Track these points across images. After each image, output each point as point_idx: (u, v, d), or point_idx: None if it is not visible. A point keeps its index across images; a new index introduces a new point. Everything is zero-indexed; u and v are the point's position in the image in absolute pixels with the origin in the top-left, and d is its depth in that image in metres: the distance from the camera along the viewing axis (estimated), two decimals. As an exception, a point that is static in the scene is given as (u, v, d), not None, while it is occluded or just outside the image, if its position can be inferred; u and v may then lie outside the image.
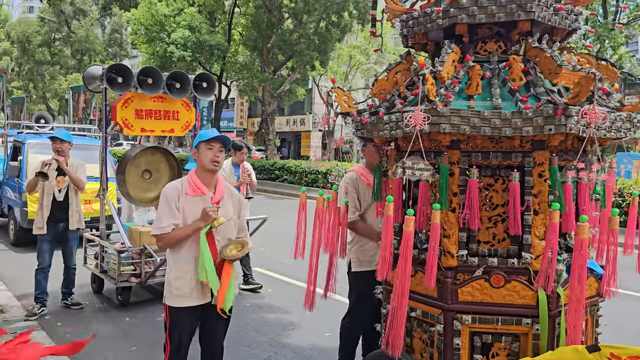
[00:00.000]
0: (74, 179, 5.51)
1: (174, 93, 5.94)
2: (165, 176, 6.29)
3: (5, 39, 43.71)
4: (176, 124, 6.18)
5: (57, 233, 5.57)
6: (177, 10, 22.49)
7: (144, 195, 6.21)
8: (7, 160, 8.98)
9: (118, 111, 5.77)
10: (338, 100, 2.96)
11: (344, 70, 32.47)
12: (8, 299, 5.88)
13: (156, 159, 6.21)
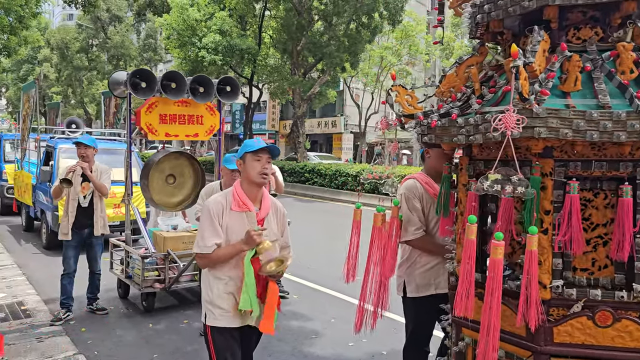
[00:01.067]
0: (97, 185, 5.51)
1: (198, 97, 5.88)
2: (189, 181, 6.29)
3: (46, 45, 45.03)
4: (200, 128, 6.12)
5: (81, 239, 5.58)
6: (208, 14, 22.72)
7: (168, 200, 6.19)
8: (40, 165, 9.14)
9: (142, 116, 5.73)
10: (399, 101, 2.62)
11: (375, 72, 32.21)
12: (36, 303, 5.94)
13: (180, 163, 6.20)
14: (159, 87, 5.63)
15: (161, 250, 5.77)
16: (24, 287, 6.55)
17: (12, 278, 6.92)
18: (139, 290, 5.70)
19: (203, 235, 2.82)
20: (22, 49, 22.03)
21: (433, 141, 2.38)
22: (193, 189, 6.35)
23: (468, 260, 2.07)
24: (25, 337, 4.87)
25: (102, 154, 9.22)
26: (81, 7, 18.56)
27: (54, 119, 15.34)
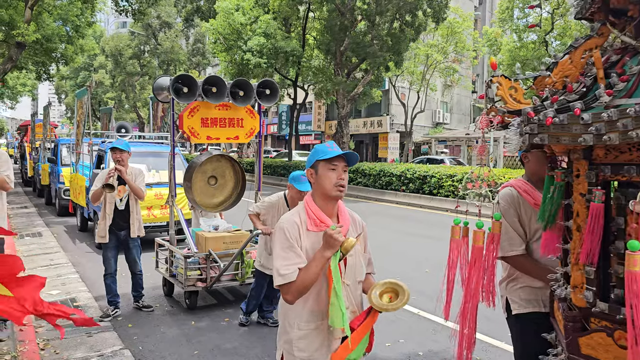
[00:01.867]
0: (134, 188, 5.61)
1: (238, 101, 6.04)
2: (230, 182, 6.49)
3: (101, 53, 46.96)
4: (240, 131, 6.27)
5: (119, 240, 5.72)
6: (253, 18, 23.12)
7: (209, 200, 6.40)
8: (92, 168, 9.58)
9: (184, 120, 5.93)
10: (502, 94, 2.20)
11: (421, 70, 31.87)
12: (87, 300, 6.24)
13: (222, 165, 6.40)
14: (200, 91, 5.80)
15: (203, 250, 5.90)
16: (77, 284, 6.90)
17: (66, 276, 7.30)
18: (182, 288, 5.89)
19: (281, 263, 2.32)
20: (79, 57, 23.05)
21: (545, 142, 1.96)
22: (233, 190, 6.56)
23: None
24: (76, 331, 5.14)
25: (150, 157, 9.59)
26: (132, 15, 19.30)
27: (107, 124, 16.01)
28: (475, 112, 43.76)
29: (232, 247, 5.98)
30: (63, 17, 18.67)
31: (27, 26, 15.48)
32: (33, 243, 9.42)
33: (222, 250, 5.90)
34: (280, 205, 5.10)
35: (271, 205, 5.15)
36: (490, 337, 5.09)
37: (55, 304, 1.88)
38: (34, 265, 7.83)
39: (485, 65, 41.58)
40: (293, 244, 2.34)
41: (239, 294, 6.60)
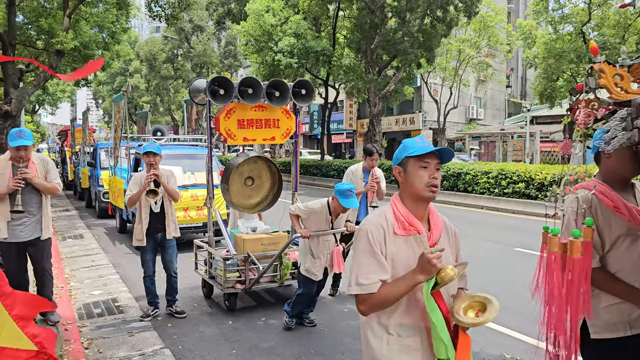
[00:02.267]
0: (170, 191, 5.61)
1: (274, 101, 6.00)
2: (267, 183, 6.50)
3: (136, 58, 48.04)
4: (277, 132, 6.24)
5: (156, 242, 5.73)
6: (283, 19, 23.25)
7: (246, 201, 6.42)
8: (130, 171, 9.80)
9: (221, 122, 5.93)
10: (605, 83, 1.85)
11: (453, 66, 31.45)
12: (128, 300, 6.39)
13: (258, 166, 6.41)
14: (236, 93, 5.77)
15: (241, 252, 5.91)
16: (118, 285, 7.07)
17: (107, 276, 7.50)
18: (221, 290, 5.91)
19: (361, 270, 2.08)
20: (115, 63, 23.63)
21: None
22: (270, 191, 6.55)
23: None
24: (118, 331, 5.28)
25: (186, 159, 9.75)
26: (166, 20, 19.66)
27: (143, 127, 16.38)
28: (509, 107, 42.89)
29: (270, 248, 5.98)
30: (99, 24, 19.17)
31: (65, 34, 15.95)
32: (75, 245, 9.71)
33: (261, 252, 5.89)
34: (323, 214, 5.06)
35: (313, 212, 5.11)
36: (524, 334, 4.98)
37: None
38: (76, 266, 8.08)
39: (520, 58, 40.72)
40: (376, 250, 2.08)
41: (275, 294, 6.65)
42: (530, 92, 40.01)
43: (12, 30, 16.54)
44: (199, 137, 11.08)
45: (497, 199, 14.70)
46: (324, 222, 5.13)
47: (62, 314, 5.57)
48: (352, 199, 4.85)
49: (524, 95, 44.22)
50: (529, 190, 13.83)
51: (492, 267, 7.83)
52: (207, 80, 5.83)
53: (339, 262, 5.19)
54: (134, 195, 5.50)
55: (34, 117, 45.33)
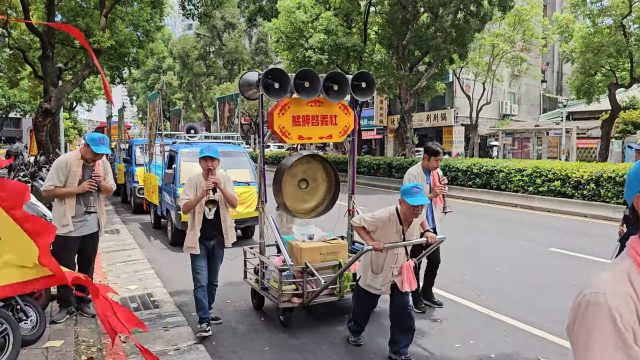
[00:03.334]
0: (229, 198, 5.23)
1: (332, 96, 5.50)
2: (322, 186, 5.92)
3: (169, 55, 48.83)
4: (334, 129, 5.69)
5: (208, 250, 5.31)
6: (314, 15, 23.26)
7: (300, 206, 5.84)
8: (164, 168, 9.98)
9: (275, 119, 5.38)
10: None
11: (486, 61, 30.91)
12: (163, 295, 6.53)
13: (313, 167, 5.82)
14: (291, 86, 5.29)
15: (298, 262, 5.31)
16: (153, 280, 7.23)
17: (142, 271, 7.67)
18: (276, 304, 5.30)
19: None
20: (149, 61, 24.06)
21: None
22: (326, 195, 5.98)
23: None
24: (153, 326, 5.40)
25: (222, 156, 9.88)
26: (199, 18, 19.91)
27: (176, 124, 16.66)
28: (544, 103, 41.94)
29: (329, 258, 5.42)
30: (134, 22, 19.56)
31: (102, 33, 16.33)
32: (112, 240, 9.96)
33: (319, 263, 5.31)
34: (393, 223, 4.53)
35: (381, 222, 4.55)
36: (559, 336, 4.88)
37: None
38: (114, 260, 8.29)
39: (556, 53, 39.73)
40: (630, 342, 1.20)
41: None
42: (566, 87, 39.00)
43: (52, 30, 17.03)
44: (232, 135, 11.19)
45: (531, 197, 14.41)
46: (394, 233, 4.53)
47: (100, 308, 5.72)
48: (421, 196, 4.29)
49: (560, 90, 43.15)
50: (565, 188, 13.52)
51: (527, 267, 7.69)
52: (259, 72, 5.30)
53: (409, 279, 4.55)
54: (191, 202, 5.09)
55: (72, 114, 46.57)
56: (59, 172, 5.03)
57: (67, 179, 5.04)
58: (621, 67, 22.48)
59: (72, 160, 5.07)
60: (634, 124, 26.19)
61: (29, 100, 33.10)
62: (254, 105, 41.73)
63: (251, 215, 9.18)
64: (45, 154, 15.72)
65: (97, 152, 4.99)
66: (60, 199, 5.08)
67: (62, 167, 5.03)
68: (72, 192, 5.05)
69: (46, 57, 16.79)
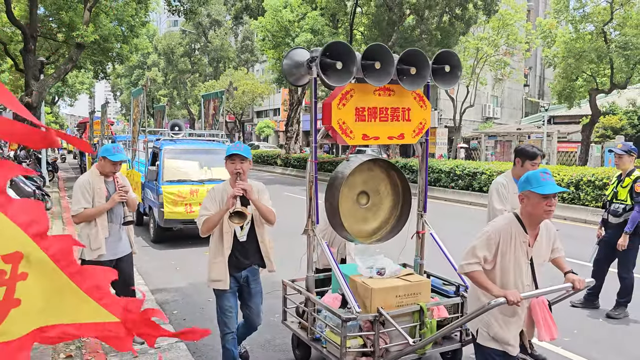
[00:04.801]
0: (264, 211, 3.91)
1: (407, 82, 4.10)
2: (386, 200, 4.55)
3: (154, 51, 48.46)
4: (407, 127, 4.31)
5: (239, 283, 4.09)
6: (301, 15, 23.28)
7: (360, 227, 4.46)
8: (147, 165, 9.91)
9: (334, 111, 3.98)
10: None
11: (470, 64, 31.22)
12: (145, 293, 6.48)
13: (375, 175, 4.44)
14: (358, 67, 3.91)
15: (366, 307, 3.86)
16: (135, 277, 7.16)
17: (124, 269, 7.60)
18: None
19: None
20: (133, 56, 23.89)
21: None
22: (391, 212, 4.58)
23: None
24: (134, 323, 5.36)
25: (203, 154, 9.84)
26: (184, 14, 19.80)
27: (160, 121, 16.55)
28: (527, 106, 42.51)
29: (407, 302, 3.95)
30: (119, 17, 19.40)
31: (86, 27, 16.16)
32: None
33: (395, 309, 3.86)
34: (515, 233, 3.07)
35: (498, 233, 3.08)
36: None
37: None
38: (94, 258, 8.20)
39: (539, 57, 40.29)
40: None
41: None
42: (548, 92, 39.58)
43: (34, 23, 16.80)
44: (216, 132, 11.15)
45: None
46: (518, 250, 3.07)
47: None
48: (552, 182, 3.00)
49: (542, 94, 43.76)
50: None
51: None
52: (312, 50, 4.00)
53: (547, 322, 3.10)
54: (213, 218, 3.82)
55: (53, 108, 45.96)
56: (84, 192, 4.54)
57: (94, 198, 4.57)
58: (602, 73, 22.89)
59: (93, 178, 4.64)
60: (613, 129, 26.68)
61: (10, 93, 32.54)
62: (239, 104, 41.63)
63: None
64: (25, 149, 15.50)
65: (116, 160, 4.56)
66: (89, 221, 4.56)
67: (86, 186, 4.57)
68: (103, 209, 4.56)
69: (28, 50, 16.56)
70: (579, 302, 6.16)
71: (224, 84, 38.61)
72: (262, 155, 33.47)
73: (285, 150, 31.20)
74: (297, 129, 31.60)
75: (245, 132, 53.14)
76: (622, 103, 28.59)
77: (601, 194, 11.81)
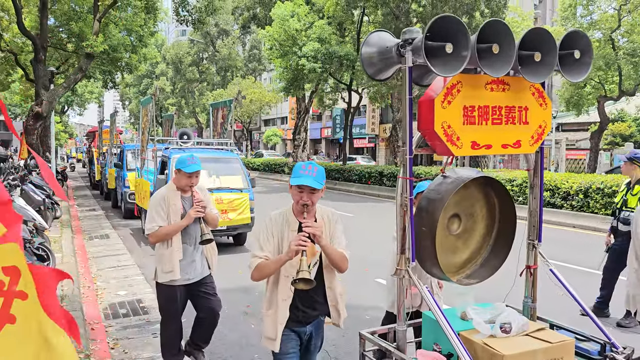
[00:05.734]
0: (334, 259, 3.03)
1: (528, 71, 2.94)
2: (480, 225, 3.38)
3: (162, 61, 48.85)
4: (524, 131, 3.16)
5: (301, 340, 3.13)
6: (308, 24, 23.38)
7: (448, 259, 3.30)
8: (156, 174, 9.96)
9: (437, 111, 2.84)
10: None
11: (477, 72, 31.22)
12: (152, 301, 6.48)
13: (470, 194, 3.29)
14: (474, 52, 2.72)
15: None
16: (142, 285, 7.20)
17: (132, 277, 7.64)
18: None
19: None
20: (142, 66, 24.08)
21: None
22: (483, 240, 3.44)
23: None
24: (143, 332, 5.38)
25: (212, 162, 9.86)
26: (192, 24, 19.96)
27: (168, 129, 16.65)
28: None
29: None
30: (128, 27, 19.59)
31: (95, 38, 16.33)
32: (101, 245, 9.92)
33: None
34: None
35: None
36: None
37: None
38: (102, 266, 8.25)
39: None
40: None
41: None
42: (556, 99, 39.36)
43: (44, 33, 17.01)
44: (225, 141, 11.21)
45: (520, 207, 14.52)
46: None
47: (89, 314, 5.70)
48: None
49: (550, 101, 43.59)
50: (554, 199, 13.64)
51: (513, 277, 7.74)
52: (405, 31, 2.79)
53: None
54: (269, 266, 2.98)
55: (63, 118, 46.36)
56: (159, 209, 4.16)
57: (169, 216, 4.17)
58: (610, 80, 22.80)
59: (169, 193, 4.25)
60: (622, 136, 26.53)
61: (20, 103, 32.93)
62: (247, 112, 41.81)
63: (243, 222, 9.26)
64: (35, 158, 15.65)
65: (190, 172, 4.13)
66: (164, 241, 4.17)
67: (161, 202, 4.19)
68: (179, 227, 4.13)
69: (38, 60, 16.75)
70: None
71: (231, 93, 38.81)
72: (270, 164, 33.65)
73: (292, 159, 31.26)
74: (304, 137, 31.68)
75: (253, 141, 53.34)
76: (631, 110, 28.45)
77: (610, 202, 11.73)
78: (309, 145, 35.20)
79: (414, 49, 2.77)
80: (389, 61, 3.03)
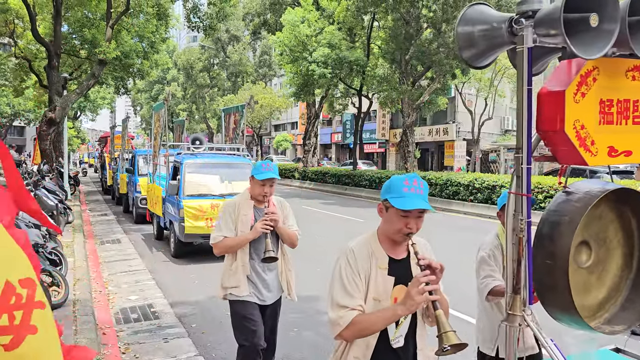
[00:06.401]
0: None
1: None
2: (615, 253, 2.43)
3: (174, 67, 49.22)
4: None
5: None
6: (318, 29, 23.46)
7: (582, 300, 2.28)
8: (169, 179, 10.00)
9: (569, 106, 2.02)
10: None
11: (488, 77, 31.08)
12: (163, 306, 6.52)
13: (600, 215, 2.35)
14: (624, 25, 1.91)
15: None
16: (154, 290, 7.22)
17: (144, 282, 7.66)
18: None
19: None
20: (153, 71, 24.30)
21: None
22: (622, 273, 2.47)
23: None
24: (153, 337, 5.39)
25: (225, 168, 9.87)
26: (203, 30, 20.10)
27: (179, 135, 16.74)
28: (547, 119, 42.03)
29: None
30: (140, 34, 19.78)
31: (108, 44, 16.50)
32: (113, 249, 9.96)
33: None
34: None
35: None
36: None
37: None
38: (114, 270, 8.29)
39: (558, 69, 39.84)
40: None
41: (302, 310, 6.63)
42: None
43: (58, 40, 17.22)
44: (237, 146, 11.24)
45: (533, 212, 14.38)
46: None
47: (101, 318, 5.72)
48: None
49: (562, 106, 43.33)
50: (567, 204, 13.52)
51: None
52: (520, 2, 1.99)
53: None
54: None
55: (75, 123, 46.83)
56: (227, 218, 3.79)
57: (237, 227, 3.76)
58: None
59: (241, 202, 3.86)
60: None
61: (33, 109, 33.34)
62: (257, 117, 41.98)
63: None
64: (48, 163, 15.80)
65: (263, 179, 3.68)
66: (230, 254, 3.82)
67: (230, 211, 3.82)
68: (244, 240, 3.71)
69: (52, 67, 16.94)
70: None
71: (242, 98, 38.99)
72: (280, 169, 33.69)
73: (302, 164, 31.29)
74: (314, 142, 31.72)
75: (263, 146, 53.51)
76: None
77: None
78: (319, 151, 35.23)
79: (538, 22, 2.00)
80: (495, 41, 2.23)
